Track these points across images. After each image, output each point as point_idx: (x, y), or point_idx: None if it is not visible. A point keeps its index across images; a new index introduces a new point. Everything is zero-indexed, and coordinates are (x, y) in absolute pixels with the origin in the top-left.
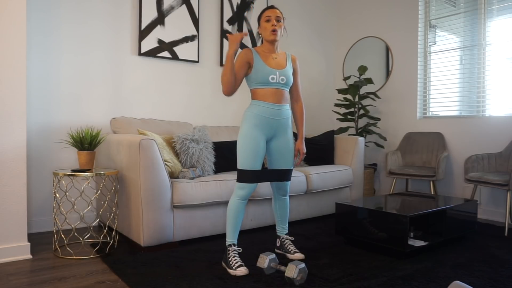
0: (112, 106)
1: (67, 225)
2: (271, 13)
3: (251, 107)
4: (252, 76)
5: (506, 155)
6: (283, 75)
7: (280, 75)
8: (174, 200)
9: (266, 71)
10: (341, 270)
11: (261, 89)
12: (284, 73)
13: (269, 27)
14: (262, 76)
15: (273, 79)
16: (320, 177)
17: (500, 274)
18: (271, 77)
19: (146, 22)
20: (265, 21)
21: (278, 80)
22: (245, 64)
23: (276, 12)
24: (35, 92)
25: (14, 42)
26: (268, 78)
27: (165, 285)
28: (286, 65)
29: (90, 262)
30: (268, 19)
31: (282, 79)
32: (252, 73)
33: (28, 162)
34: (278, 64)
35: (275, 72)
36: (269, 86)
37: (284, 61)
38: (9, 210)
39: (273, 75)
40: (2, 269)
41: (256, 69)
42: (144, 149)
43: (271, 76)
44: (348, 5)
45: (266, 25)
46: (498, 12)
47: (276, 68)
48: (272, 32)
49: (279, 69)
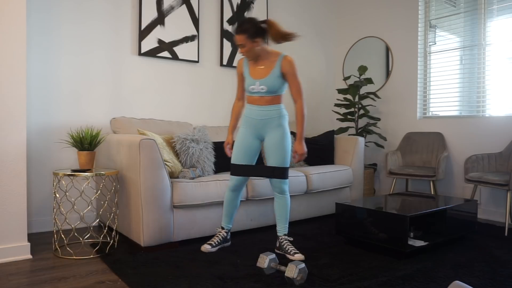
0: (112, 106)
1: (67, 225)
2: (237, 41)
3: (245, 109)
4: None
5: (506, 155)
6: (263, 84)
7: (260, 84)
8: (174, 200)
9: (248, 82)
10: (341, 270)
11: (249, 95)
12: (265, 82)
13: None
14: (246, 85)
15: (253, 89)
16: (320, 177)
17: (500, 274)
18: (251, 87)
19: (146, 22)
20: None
21: (258, 89)
22: (241, 76)
23: (237, 40)
24: (35, 92)
25: (14, 42)
26: (249, 88)
27: (165, 285)
28: (269, 74)
29: (90, 262)
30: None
31: (262, 88)
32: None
33: (28, 162)
34: (262, 73)
35: (255, 82)
36: (253, 94)
37: (270, 69)
38: (9, 210)
39: (253, 86)
40: (2, 269)
41: (245, 79)
42: (144, 149)
43: (251, 86)
44: (348, 5)
45: None
46: (498, 12)
47: (257, 78)
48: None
49: (260, 78)
